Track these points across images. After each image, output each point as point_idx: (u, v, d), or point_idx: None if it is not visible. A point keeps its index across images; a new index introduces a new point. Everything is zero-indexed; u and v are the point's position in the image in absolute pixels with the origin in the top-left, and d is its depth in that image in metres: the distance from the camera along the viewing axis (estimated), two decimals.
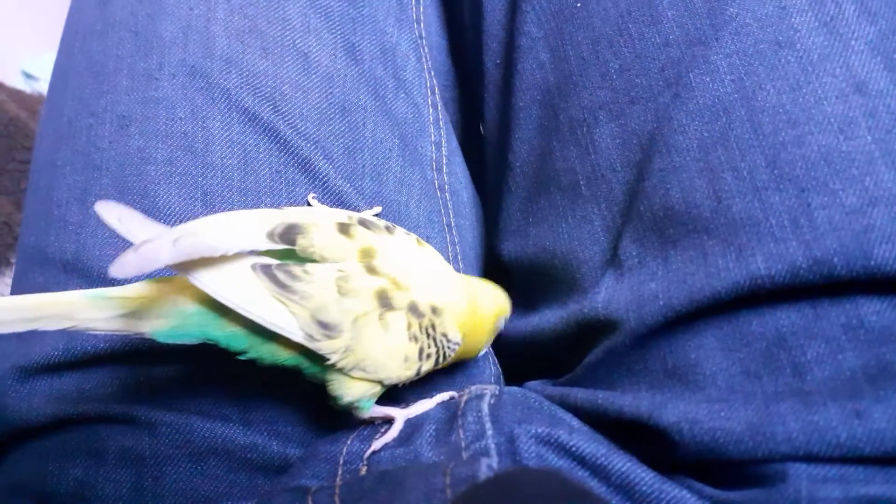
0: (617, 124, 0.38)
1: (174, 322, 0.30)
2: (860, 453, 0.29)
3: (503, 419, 0.34)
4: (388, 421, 0.37)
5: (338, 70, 0.43)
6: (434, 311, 0.34)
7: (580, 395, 0.37)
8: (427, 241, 0.44)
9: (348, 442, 0.36)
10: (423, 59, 0.49)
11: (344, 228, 0.33)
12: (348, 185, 0.41)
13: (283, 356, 0.32)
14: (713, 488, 0.32)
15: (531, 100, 0.44)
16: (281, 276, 0.30)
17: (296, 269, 0.31)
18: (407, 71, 0.47)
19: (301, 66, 0.42)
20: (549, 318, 0.41)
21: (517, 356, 0.44)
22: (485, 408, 0.35)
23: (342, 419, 0.39)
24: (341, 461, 0.35)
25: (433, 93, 0.49)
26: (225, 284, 0.29)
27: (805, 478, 0.29)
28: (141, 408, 0.36)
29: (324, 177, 0.41)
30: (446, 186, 0.47)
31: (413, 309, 0.33)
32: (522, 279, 0.45)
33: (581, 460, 0.32)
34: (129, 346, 0.37)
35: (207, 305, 0.30)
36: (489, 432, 0.33)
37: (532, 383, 0.42)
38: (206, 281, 0.29)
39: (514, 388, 0.40)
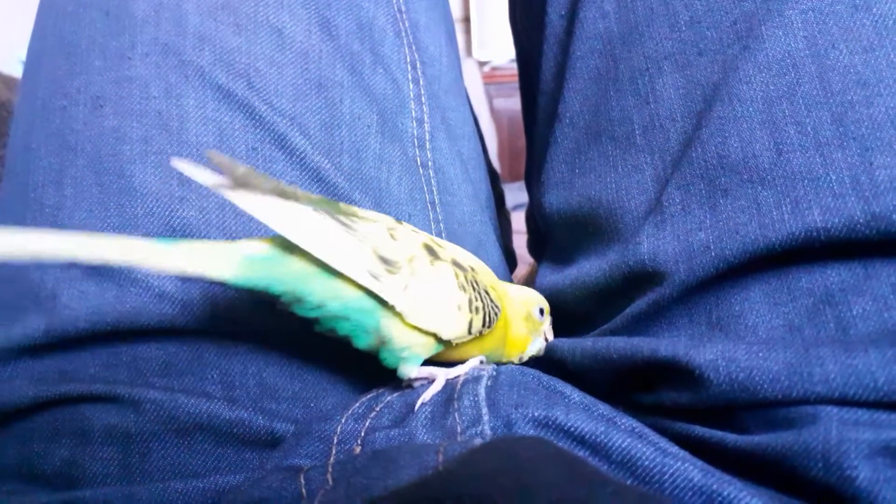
0: (682, 74, 0.39)
1: (244, 268, 0.31)
2: (895, 398, 0.29)
3: (500, 402, 0.34)
4: (393, 393, 0.37)
5: (313, 45, 0.43)
6: (473, 269, 0.37)
7: (617, 342, 0.37)
8: (408, 219, 0.44)
9: (342, 421, 0.36)
10: (403, 34, 0.48)
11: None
12: (326, 161, 0.41)
13: (348, 296, 0.33)
14: (737, 434, 0.32)
15: (590, 49, 0.44)
16: (343, 218, 0.33)
17: (354, 219, 0.33)
18: (385, 46, 0.46)
19: (275, 42, 0.42)
20: (587, 270, 0.41)
21: (552, 312, 0.45)
22: (481, 391, 0.35)
23: (329, 397, 0.40)
24: (335, 440, 0.35)
25: (414, 68, 0.48)
26: (292, 220, 0.31)
27: (836, 420, 0.30)
28: (124, 386, 0.37)
29: (301, 153, 0.40)
30: (430, 163, 0.47)
31: (456, 263, 0.36)
32: (562, 233, 0.46)
33: (581, 440, 0.33)
34: (109, 326, 0.37)
35: (276, 248, 0.32)
36: (485, 417, 0.33)
37: (558, 340, 0.43)
38: (273, 215, 0.30)
39: (512, 367, 0.40)
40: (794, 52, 0.35)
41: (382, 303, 0.33)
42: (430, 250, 0.35)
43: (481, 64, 2.28)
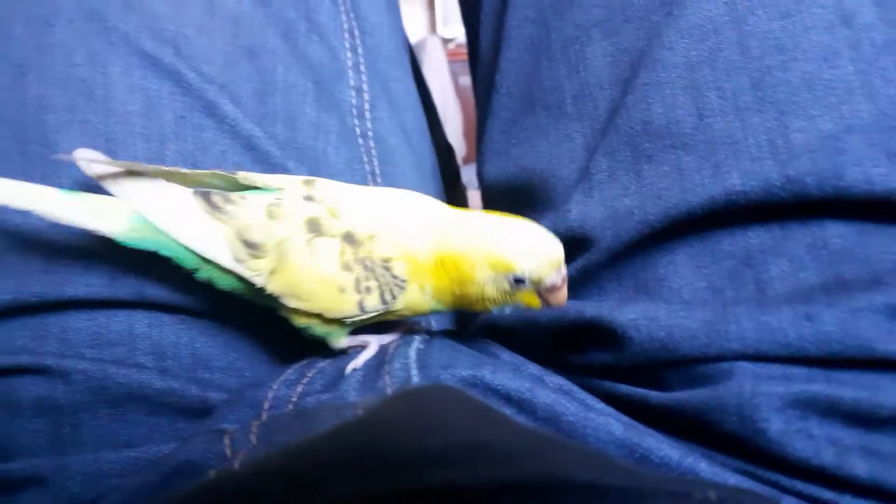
0: (610, 42, 0.39)
1: (132, 227, 0.34)
2: (806, 353, 0.30)
3: (430, 364, 0.34)
4: (326, 359, 0.37)
5: (244, 12, 0.42)
6: (372, 239, 0.34)
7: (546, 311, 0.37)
8: None
9: (274, 387, 0.36)
10: (340, 2, 0.48)
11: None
12: (258, 129, 0.41)
13: (223, 280, 0.35)
14: (659, 392, 0.33)
15: (524, 18, 0.44)
16: (216, 198, 0.34)
17: (234, 195, 0.34)
18: (321, 13, 0.46)
19: (204, 9, 0.41)
20: None
21: None
22: (412, 354, 0.35)
23: (264, 366, 0.40)
24: (266, 406, 0.35)
25: (352, 36, 0.48)
26: (153, 202, 0.33)
27: (750, 375, 0.31)
28: (53, 357, 0.36)
29: (231, 121, 0.40)
30: (370, 132, 0.47)
31: (348, 237, 0.34)
32: (501, 203, 0.46)
33: (507, 398, 0.33)
34: (35, 297, 0.36)
35: None
36: (415, 378, 0.33)
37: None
38: (133, 197, 0.34)
39: (446, 332, 0.41)
40: (715, 17, 0.35)
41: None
42: (315, 225, 0.34)
43: (446, 41, 2.27)
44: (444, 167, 0.66)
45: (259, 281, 0.34)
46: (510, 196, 0.45)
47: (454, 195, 0.67)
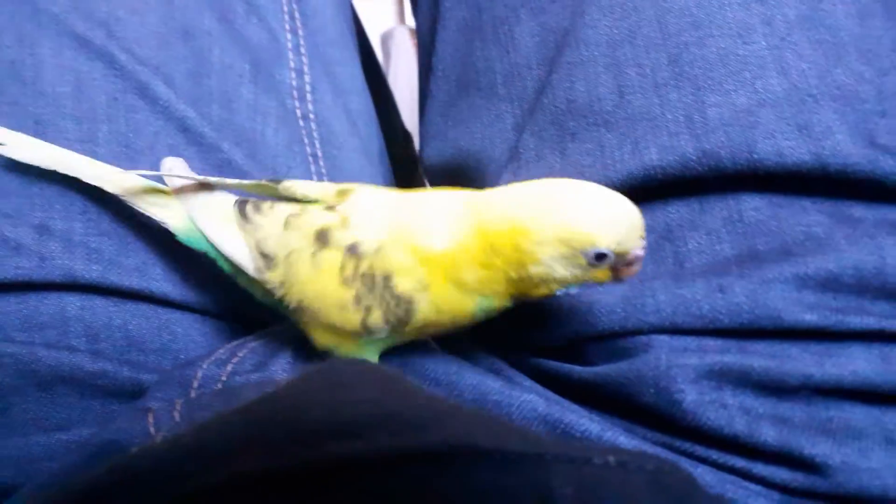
0: (537, 22, 0.39)
1: (188, 227, 0.35)
2: (719, 325, 0.31)
3: None
4: (259, 339, 0.38)
5: None
6: (378, 251, 0.30)
7: None
8: (287, 171, 0.44)
9: (203, 366, 0.36)
10: None
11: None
12: (192, 110, 0.40)
13: (257, 291, 0.35)
14: (582, 367, 0.34)
15: (457, 0, 0.44)
16: (249, 208, 0.34)
17: (266, 204, 0.34)
18: None
19: None
20: None
21: None
22: None
23: (200, 348, 0.40)
24: (195, 384, 0.35)
25: (292, 18, 0.48)
26: (202, 209, 0.35)
27: (666, 348, 0.31)
28: None
29: (164, 102, 0.40)
30: (311, 115, 0.47)
31: (352, 249, 0.31)
32: (442, 186, 0.46)
33: (435, 381, 0.34)
34: None
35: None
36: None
37: None
38: (189, 205, 0.35)
39: None
40: None
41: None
42: (323, 236, 0.31)
43: (413, 31, 2.27)
44: (402, 154, 0.66)
45: (278, 293, 0.33)
46: (449, 178, 0.45)
47: (412, 182, 0.67)
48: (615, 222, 0.27)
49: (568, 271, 0.28)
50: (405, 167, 0.66)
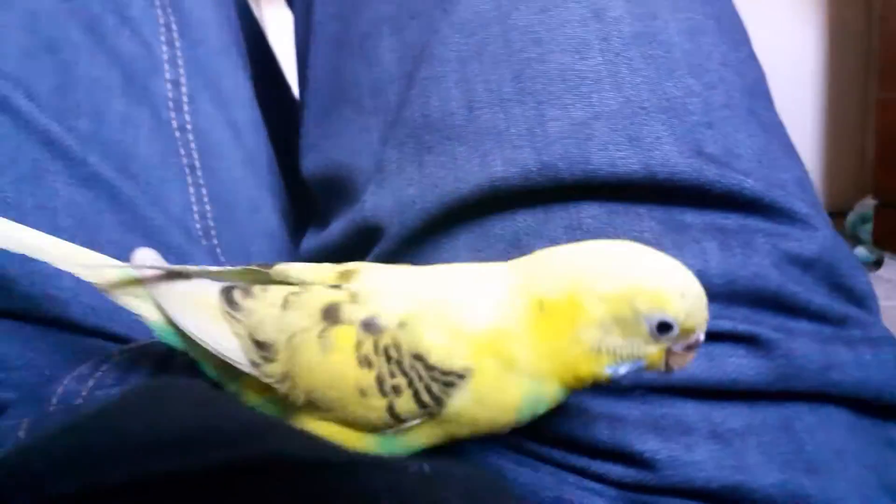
0: (398, 38, 0.41)
1: (163, 322, 0.30)
2: None
3: None
4: (123, 353, 0.37)
5: (43, 6, 0.42)
6: (403, 325, 0.26)
7: None
8: (160, 184, 0.44)
9: (65, 382, 0.36)
10: None
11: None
12: (57, 124, 0.40)
13: (252, 396, 0.29)
14: None
15: (326, 14, 0.46)
16: (236, 294, 0.29)
17: (256, 288, 0.29)
18: (133, 8, 0.46)
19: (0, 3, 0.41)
20: (333, 231, 0.43)
21: None
22: None
23: (65, 363, 0.39)
24: (53, 401, 0.35)
25: (169, 30, 0.48)
26: (177, 302, 0.29)
27: None
28: None
29: (27, 115, 0.39)
30: (188, 126, 0.47)
31: (369, 323, 0.26)
32: (319, 196, 0.47)
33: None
34: None
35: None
36: None
37: None
38: (162, 298, 0.30)
39: None
40: (483, 12, 0.37)
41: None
42: (332, 313, 0.27)
43: None
44: None
45: (282, 387, 0.27)
46: (325, 189, 0.46)
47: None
48: (687, 291, 0.24)
49: (623, 340, 0.25)
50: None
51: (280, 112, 0.58)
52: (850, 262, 0.34)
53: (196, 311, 0.29)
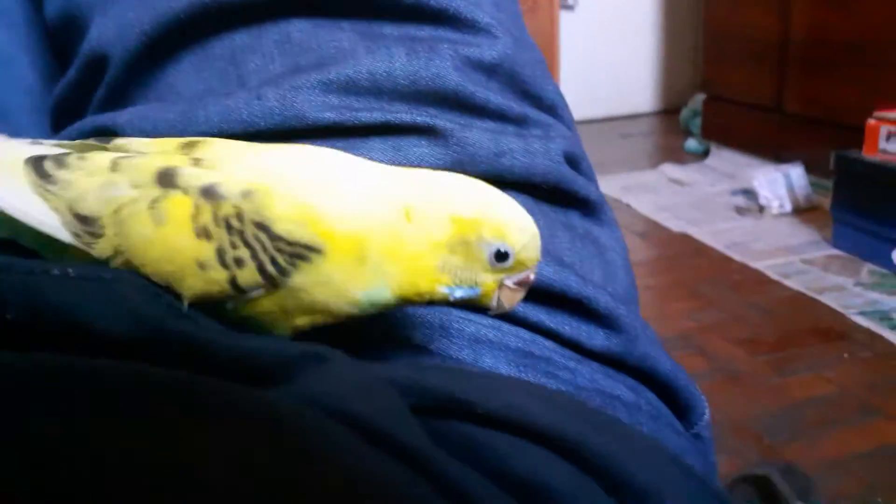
0: None
1: None
2: (257, 128, 0.32)
3: None
4: None
5: None
6: (247, 194, 0.23)
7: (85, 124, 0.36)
8: None
9: None
10: None
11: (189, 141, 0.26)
12: None
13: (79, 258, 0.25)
14: None
15: None
16: (49, 165, 0.24)
17: (72, 157, 0.25)
18: None
19: None
20: (70, 72, 0.39)
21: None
22: None
23: None
24: None
25: None
26: None
27: None
28: None
29: None
30: None
31: (208, 192, 0.23)
32: (65, 42, 0.43)
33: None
34: None
35: None
36: None
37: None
38: None
39: None
40: None
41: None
42: (167, 178, 0.24)
43: None
44: None
45: (112, 265, 0.24)
46: (64, 31, 0.41)
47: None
48: (525, 227, 0.26)
49: (464, 263, 0.25)
50: None
51: None
52: (535, 72, 0.36)
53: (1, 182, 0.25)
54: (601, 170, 2.40)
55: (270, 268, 0.23)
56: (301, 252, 0.24)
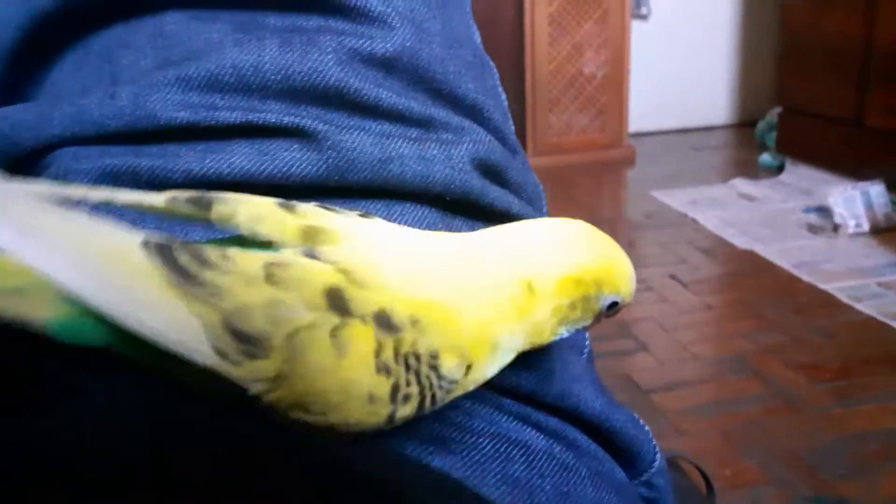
0: None
1: (63, 311, 0.19)
2: (109, 129, 0.30)
3: None
4: None
5: None
6: (415, 322, 0.22)
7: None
8: None
9: None
10: None
11: (286, 204, 0.23)
12: None
13: (190, 380, 0.20)
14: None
15: None
16: (184, 259, 0.20)
17: (211, 251, 0.20)
18: None
19: None
20: None
21: None
22: None
23: None
24: None
25: None
26: (87, 265, 0.19)
27: (69, 157, 0.30)
28: None
29: None
30: None
31: (382, 320, 0.21)
32: None
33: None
34: None
35: None
36: None
37: None
38: (46, 259, 0.18)
39: None
40: None
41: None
42: (337, 300, 0.20)
43: None
44: None
45: (256, 388, 0.20)
46: None
47: None
48: (633, 276, 0.26)
49: (581, 314, 0.25)
50: None
51: None
52: (449, 69, 0.32)
53: (115, 278, 0.19)
54: (669, 183, 2.30)
55: (429, 403, 0.23)
56: (449, 388, 0.23)
